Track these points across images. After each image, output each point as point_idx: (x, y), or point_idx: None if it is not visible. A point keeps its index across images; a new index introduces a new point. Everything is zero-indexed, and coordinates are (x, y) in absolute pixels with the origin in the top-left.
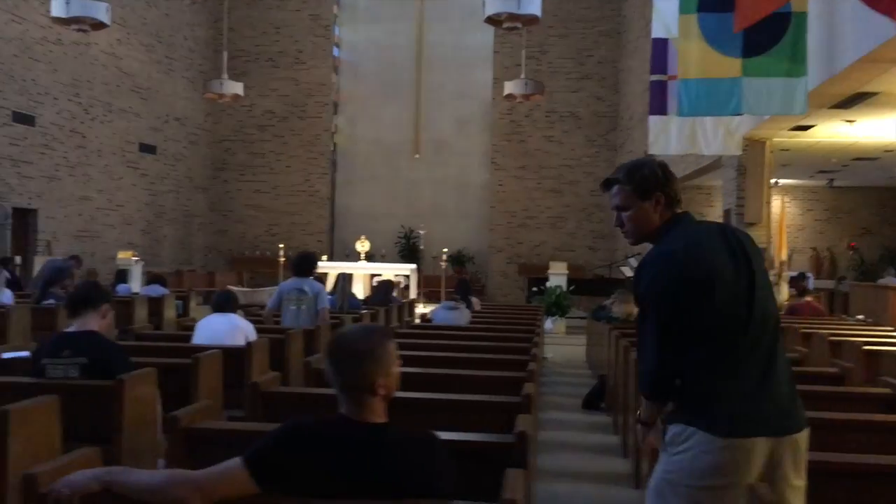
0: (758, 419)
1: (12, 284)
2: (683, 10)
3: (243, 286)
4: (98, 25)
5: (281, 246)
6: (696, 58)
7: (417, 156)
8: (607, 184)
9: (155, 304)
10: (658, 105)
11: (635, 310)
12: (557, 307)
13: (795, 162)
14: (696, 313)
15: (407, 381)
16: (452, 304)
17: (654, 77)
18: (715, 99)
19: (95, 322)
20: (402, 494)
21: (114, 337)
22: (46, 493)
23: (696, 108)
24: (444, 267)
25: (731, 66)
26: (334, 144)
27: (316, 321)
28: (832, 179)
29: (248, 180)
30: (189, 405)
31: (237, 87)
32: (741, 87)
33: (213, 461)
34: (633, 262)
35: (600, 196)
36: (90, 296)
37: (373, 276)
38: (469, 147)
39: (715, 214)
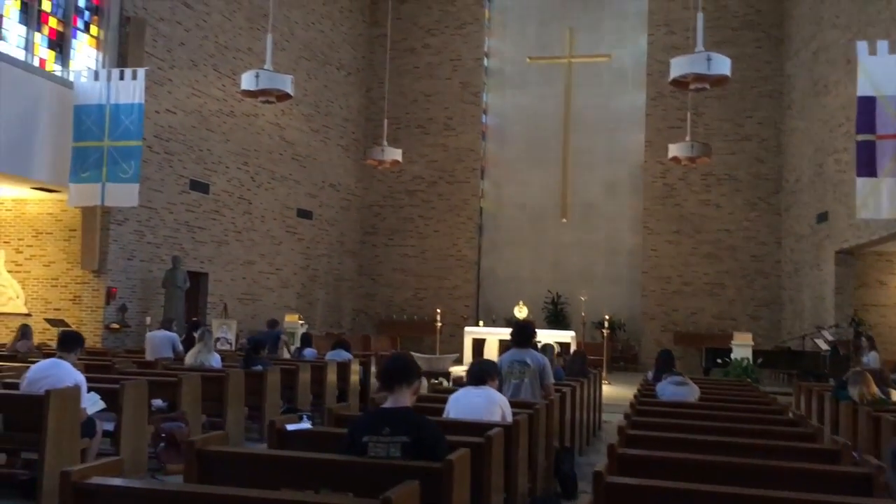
0: None
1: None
2: None
3: (397, 349)
4: (283, 97)
5: (438, 311)
6: None
7: (564, 220)
8: None
9: (342, 370)
10: (867, 166)
11: (874, 391)
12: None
13: None
14: None
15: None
16: (681, 378)
17: (862, 137)
18: None
19: (409, 397)
20: None
21: None
22: None
23: None
24: (605, 335)
25: None
26: (480, 209)
27: (539, 395)
28: None
29: (397, 244)
30: None
31: (396, 154)
32: None
33: None
34: (827, 334)
35: (762, 261)
36: (406, 371)
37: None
38: (618, 211)
39: None
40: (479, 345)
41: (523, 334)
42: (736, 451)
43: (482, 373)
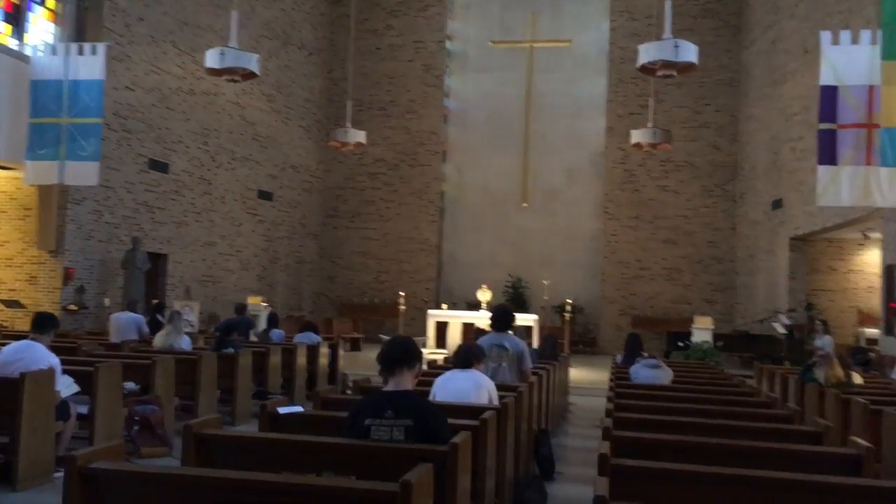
0: None
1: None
2: (887, 56)
3: (358, 333)
4: (249, 76)
5: (402, 294)
6: None
7: (525, 205)
8: None
9: (311, 353)
10: (827, 155)
11: (839, 373)
12: None
13: None
14: None
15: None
16: (655, 361)
17: (823, 126)
18: None
19: (410, 381)
20: None
21: None
22: None
23: None
24: (567, 318)
25: None
26: (442, 192)
27: (518, 379)
28: None
29: (358, 227)
30: None
31: (360, 136)
32: None
33: None
34: (784, 318)
35: (718, 247)
36: (408, 354)
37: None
38: (578, 196)
39: (865, 268)
40: (442, 328)
41: (503, 319)
42: (720, 433)
43: (470, 356)
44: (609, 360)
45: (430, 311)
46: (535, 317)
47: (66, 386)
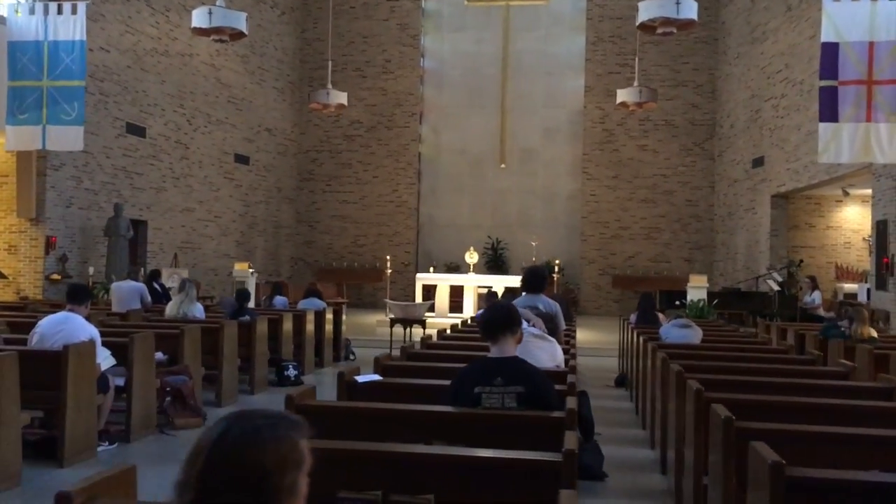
0: None
1: (161, 297)
2: None
3: (343, 298)
4: (237, 35)
5: (388, 258)
6: None
7: (503, 165)
8: None
9: (318, 319)
10: (829, 112)
11: (872, 332)
12: None
13: None
14: None
15: None
16: (685, 321)
17: (824, 83)
18: None
19: (513, 346)
20: None
21: None
22: None
23: None
24: (556, 279)
25: None
26: (419, 154)
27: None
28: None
29: (335, 191)
30: None
31: (341, 97)
32: None
33: None
34: (777, 275)
35: (697, 206)
36: (510, 320)
37: (482, 288)
38: (557, 156)
39: (843, 224)
40: (429, 291)
41: (536, 280)
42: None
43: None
44: (591, 320)
45: (418, 275)
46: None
47: (104, 358)
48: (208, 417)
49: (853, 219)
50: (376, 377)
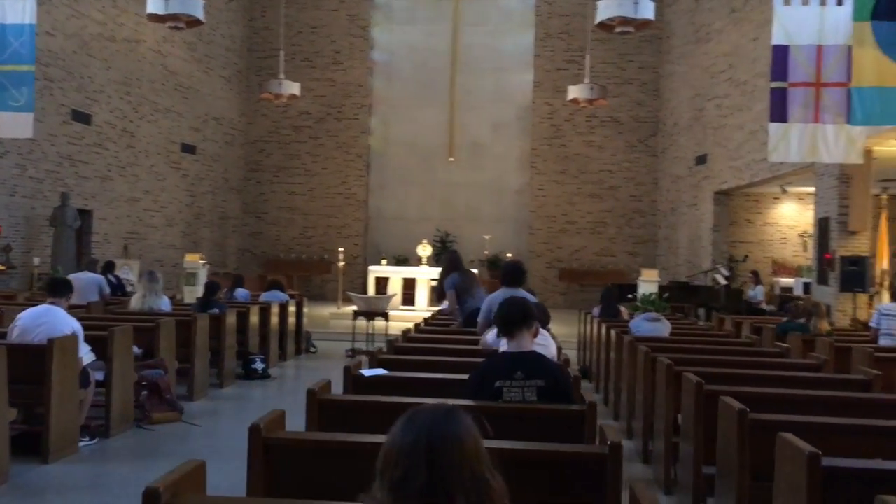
0: None
1: (117, 289)
2: (857, 17)
3: (294, 289)
4: (194, 23)
5: (341, 250)
6: (870, 66)
7: (452, 159)
8: None
9: (281, 311)
10: (778, 112)
11: (827, 324)
12: None
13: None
14: None
15: None
16: (654, 315)
17: (775, 84)
18: (889, 108)
19: (530, 340)
20: None
21: None
22: None
23: (870, 116)
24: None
25: None
26: (368, 146)
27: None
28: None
29: (283, 182)
30: None
31: (294, 88)
32: None
33: None
34: (723, 269)
35: (641, 201)
36: (527, 315)
37: (434, 280)
38: (505, 151)
39: (780, 220)
40: (382, 283)
41: (515, 273)
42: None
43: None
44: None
45: (371, 267)
46: (475, 271)
47: (85, 353)
48: (184, 411)
49: (789, 215)
50: (382, 371)
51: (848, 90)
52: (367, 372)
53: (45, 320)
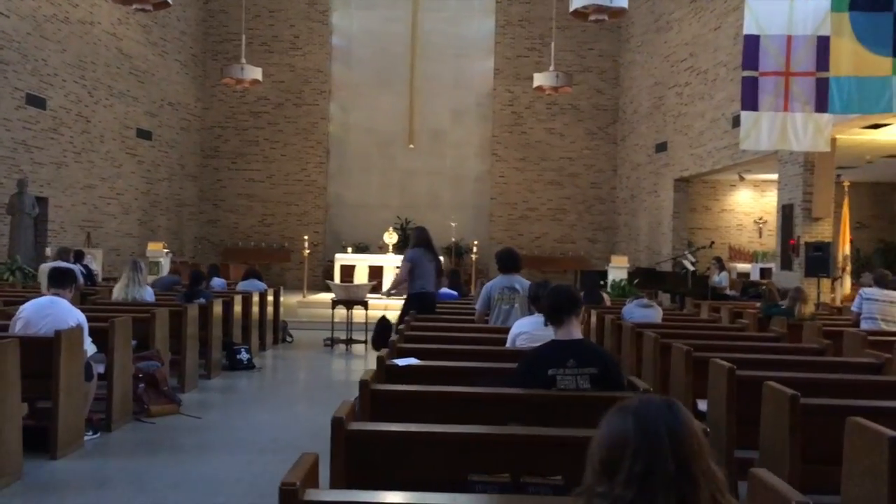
0: None
1: (87, 279)
2: (835, 7)
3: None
4: (161, 5)
5: (306, 238)
6: (847, 56)
7: (412, 146)
8: None
9: (260, 300)
10: (750, 101)
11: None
12: None
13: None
14: None
15: None
16: (646, 301)
17: (747, 73)
18: (866, 97)
19: (578, 327)
20: None
21: None
22: None
23: (847, 105)
24: (473, 260)
25: (881, 64)
26: (328, 133)
27: None
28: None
29: (241, 168)
30: None
31: (256, 73)
32: (892, 86)
33: None
34: (691, 256)
35: (600, 188)
36: (574, 303)
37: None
38: (465, 138)
39: (736, 207)
40: (348, 271)
41: (510, 260)
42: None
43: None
44: None
45: (337, 255)
46: (441, 258)
47: (88, 345)
48: (182, 403)
49: (745, 202)
50: (414, 360)
51: (815, 80)
52: (400, 361)
53: (51, 312)
